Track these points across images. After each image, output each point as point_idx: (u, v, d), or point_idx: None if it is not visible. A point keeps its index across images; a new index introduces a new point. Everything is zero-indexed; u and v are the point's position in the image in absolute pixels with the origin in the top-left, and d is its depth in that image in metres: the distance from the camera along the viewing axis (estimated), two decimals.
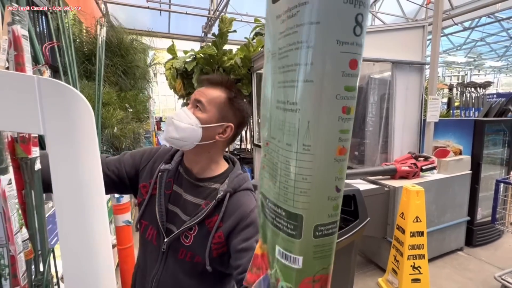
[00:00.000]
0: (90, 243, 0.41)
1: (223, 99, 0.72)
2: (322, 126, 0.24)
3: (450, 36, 8.04)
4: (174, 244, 0.72)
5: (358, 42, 0.23)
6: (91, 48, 3.42)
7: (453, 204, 2.50)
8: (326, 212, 0.26)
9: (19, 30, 0.62)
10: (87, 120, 0.43)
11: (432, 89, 2.66)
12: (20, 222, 0.62)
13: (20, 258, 0.61)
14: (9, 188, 0.59)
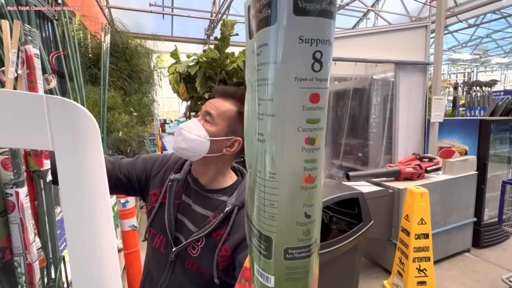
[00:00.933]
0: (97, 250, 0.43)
1: (233, 113, 0.71)
2: (285, 156, 0.26)
3: (455, 33, 7.94)
4: (182, 254, 0.73)
5: (318, 77, 0.24)
6: (97, 53, 3.48)
7: (459, 205, 2.47)
8: (295, 237, 0.27)
9: (32, 50, 0.65)
10: (93, 134, 0.46)
11: (436, 89, 2.64)
12: (34, 232, 0.64)
13: (35, 266, 0.63)
14: (26, 200, 0.61)
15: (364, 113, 2.84)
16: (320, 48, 0.23)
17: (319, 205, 0.28)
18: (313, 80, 0.24)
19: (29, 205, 0.64)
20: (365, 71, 2.78)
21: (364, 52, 2.51)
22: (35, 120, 0.42)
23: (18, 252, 0.58)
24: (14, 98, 0.41)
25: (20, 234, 0.59)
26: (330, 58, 0.24)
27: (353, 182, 2.24)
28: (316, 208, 0.27)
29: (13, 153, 0.59)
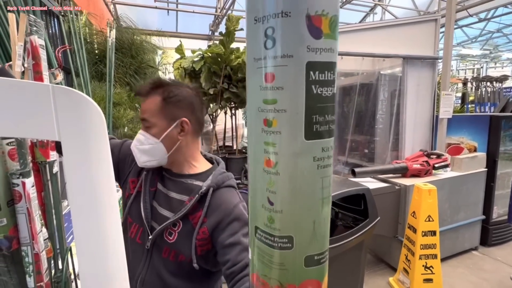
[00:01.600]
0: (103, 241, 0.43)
1: (159, 102, 0.71)
2: (252, 135, 0.27)
3: (465, 28, 7.75)
4: (158, 241, 0.72)
5: (269, 55, 0.23)
6: (103, 49, 3.50)
7: (467, 202, 2.43)
8: (262, 219, 0.28)
9: (37, 40, 0.64)
10: (99, 124, 0.45)
11: (445, 84, 2.58)
12: (41, 222, 0.65)
13: (43, 255, 0.64)
14: (32, 190, 0.62)
15: (370, 108, 2.80)
16: (271, 24, 0.23)
17: (292, 198, 0.25)
18: (265, 59, 0.24)
19: (36, 196, 0.64)
20: (372, 66, 2.73)
21: (371, 46, 2.47)
22: (41, 110, 0.42)
23: (26, 242, 0.59)
24: (20, 87, 0.41)
25: (27, 224, 0.59)
26: (290, 32, 0.22)
27: (359, 179, 2.22)
28: (280, 199, 0.26)
29: (19, 143, 0.59)
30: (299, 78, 0.23)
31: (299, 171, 0.25)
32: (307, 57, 0.23)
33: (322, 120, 0.24)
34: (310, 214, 0.26)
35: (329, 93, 0.25)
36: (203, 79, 2.79)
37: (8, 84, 0.41)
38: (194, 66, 2.78)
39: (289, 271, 0.27)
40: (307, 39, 0.22)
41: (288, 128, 0.24)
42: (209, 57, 2.77)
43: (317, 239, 0.27)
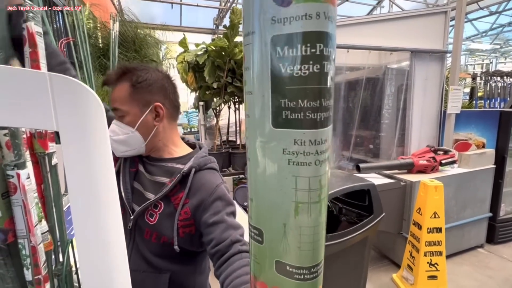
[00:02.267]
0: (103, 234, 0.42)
1: (128, 88, 0.68)
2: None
3: (475, 22, 7.54)
4: (140, 222, 0.71)
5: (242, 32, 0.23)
6: (106, 43, 3.49)
7: (474, 199, 2.39)
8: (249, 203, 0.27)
9: (33, 27, 0.63)
10: (98, 114, 0.44)
11: (453, 79, 2.52)
12: (40, 215, 0.64)
13: (40, 248, 0.63)
14: (28, 182, 0.61)
15: (376, 103, 2.75)
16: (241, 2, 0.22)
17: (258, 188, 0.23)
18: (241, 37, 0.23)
19: (33, 188, 0.63)
20: (378, 60, 2.67)
21: (378, 39, 2.41)
22: (38, 99, 0.40)
23: (22, 235, 0.58)
24: (15, 75, 0.39)
25: (23, 216, 0.59)
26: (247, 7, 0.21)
27: (364, 174, 2.19)
28: (250, 186, 0.24)
29: (12, 133, 0.58)
30: (263, 56, 0.20)
31: (266, 161, 0.22)
32: (271, 30, 0.20)
33: (295, 106, 0.20)
34: (280, 215, 0.23)
35: (306, 73, 0.20)
36: (206, 73, 2.77)
37: (2, 71, 0.40)
38: (198, 60, 2.75)
39: (262, 267, 0.26)
40: (270, 9, 0.19)
41: (255, 112, 0.22)
42: (213, 51, 2.74)
43: (290, 247, 0.24)
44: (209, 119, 4.00)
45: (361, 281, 1.67)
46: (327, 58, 0.21)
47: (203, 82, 2.87)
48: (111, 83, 0.71)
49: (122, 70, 0.71)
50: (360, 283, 1.67)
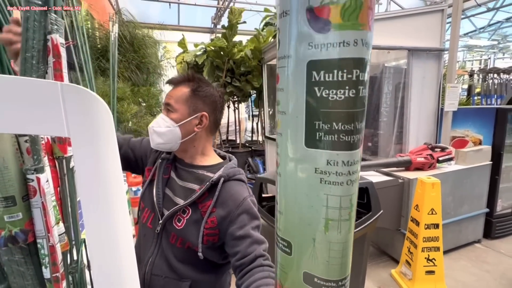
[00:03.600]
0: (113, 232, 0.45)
1: (187, 93, 0.75)
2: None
3: (472, 18, 7.56)
4: (167, 226, 0.74)
5: (277, 56, 0.24)
6: (104, 44, 3.49)
7: (471, 195, 2.43)
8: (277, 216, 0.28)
9: (58, 39, 0.65)
10: (107, 121, 0.46)
11: (450, 76, 2.54)
12: (57, 218, 0.67)
13: (58, 248, 0.66)
14: (47, 185, 0.64)
15: (374, 101, 2.78)
16: (278, 25, 0.23)
17: (289, 203, 0.24)
18: (277, 60, 0.23)
19: (51, 191, 0.66)
20: (376, 58, 2.70)
21: (376, 38, 2.43)
22: (50, 107, 0.43)
23: (41, 235, 0.61)
24: (29, 85, 0.42)
25: (42, 218, 0.62)
26: (284, 31, 0.21)
27: (362, 172, 2.22)
28: (280, 200, 0.25)
29: (32, 139, 0.61)
30: (298, 79, 0.21)
31: (298, 179, 0.23)
32: (308, 55, 0.20)
33: (329, 128, 0.21)
34: (310, 230, 0.24)
35: (342, 97, 0.20)
36: (205, 73, 2.79)
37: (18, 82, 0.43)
38: (197, 60, 2.78)
39: (288, 276, 0.27)
40: (307, 35, 0.20)
41: (288, 131, 0.23)
42: (211, 51, 2.76)
43: (319, 261, 0.25)
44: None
45: (360, 277, 1.71)
46: (362, 83, 0.21)
47: None
48: (174, 83, 0.79)
49: (188, 76, 0.79)
50: (359, 279, 1.71)
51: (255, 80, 3.03)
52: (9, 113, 0.43)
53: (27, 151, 0.59)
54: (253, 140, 4.50)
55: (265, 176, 1.93)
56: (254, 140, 4.45)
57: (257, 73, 3.08)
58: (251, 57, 2.88)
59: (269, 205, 1.80)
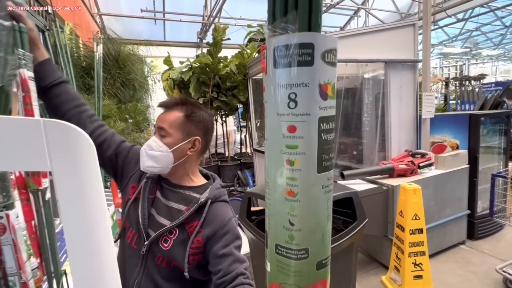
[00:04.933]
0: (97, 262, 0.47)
1: (181, 118, 0.78)
2: (272, 173, 0.33)
3: (445, 28, 8.03)
4: (153, 248, 0.74)
5: (293, 112, 0.31)
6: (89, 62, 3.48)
7: (452, 198, 2.53)
8: (283, 238, 0.34)
9: (26, 73, 0.67)
10: (90, 154, 0.49)
11: (426, 85, 2.69)
12: (29, 253, 0.66)
13: (31, 284, 0.65)
14: (17, 221, 0.64)
15: (356, 111, 2.88)
16: (294, 90, 0.30)
17: (309, 218, 0.33)
18: (290, 115, 0.31)
19: (22, 226, 0.66)
20: (356, 70, 2.82)
21: (354, 52, 2.55)
22: (33, 143, 0.45)
23: (13, 272, 0.61)
24: (12, 123, 0.44)
25: (13, 255, 0.61)
26: (308, 97, 0.30)
27: (347, 181, 2.28)
28: (303, 220, 0.33)
29: (1, 177, 0.61)
30: (313, 129, 0.31)
31: (312, 197, 0.33)
32: (318, 113, 0.31)
33: (328, 157, 0.33)
34: (320, 228, 0.34)
35: (331, 137, 0.33)
36: (192, 89, 2.83)
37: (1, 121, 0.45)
38: (183, 77, 2.82)
39: (305, 276, 0.34)
40: (318, 101, 0.30)
41: (306, 166, 0.32)
42: (197, 67, 2.81)
43: (325, 246, 0.35)
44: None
45: (350, 285, 1.73)
46: (334, 128, 0.34)
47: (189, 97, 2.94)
48: (167, 107, 0.81)
49: (182, 100, 0.81)
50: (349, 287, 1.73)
51: (241, 94, 3.09)
52: None
53: None
54: (242, 152, 4.53)
55: (253, 190, 1.95)
56: (243, 152, 4.48)
57: (243, 87, 3.15)
58: (236, 72, 2.95)
59: (258, 219, 1.82)
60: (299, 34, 0.28)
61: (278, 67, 0.30)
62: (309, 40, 0.28)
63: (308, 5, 0.28)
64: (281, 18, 0.29)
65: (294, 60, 0.29)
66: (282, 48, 0.29)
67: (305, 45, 0.28)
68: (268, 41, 0.30)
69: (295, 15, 0.28)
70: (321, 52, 0.29)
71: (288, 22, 0.29)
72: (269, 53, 0.31)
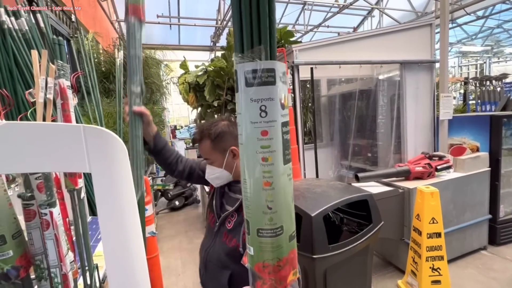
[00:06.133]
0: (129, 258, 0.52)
1: (209, 144, 0.96)
2: (250, 169, 0.41)
3: (464, 26, 7.76)
4: (221, 226, 0.97)
5: (265, 120, 0.39)
6: (108, 67, 3.64)
7: (472, 202, 2.45)
8: (263, 221, 0.42)
9: (64, 82, 0.74)
10: (123, 157, 0.54)
11: (443, 86, 2.63)
12: (67, 246, 0.73)
13: (70, 276, 0.71)
14: (59, 218, 0.70)
15: (371, 113, 2.86)
16: (264, 103, 0.39)
17: (282, 201, 0.42)
18: (262, 123, 0.39)
19: (62, 222, 0.72)
20: (370, 71, 2.80)
21: (369, 53, 2.54)
22: (74, 147, 0.50)
23: (54, 264, 0.67)
24: (56, 129, 0.50)
25: (55, 248, 0.67)
26: (274, 108, 0.39)
27: (362, 183, 2.27)
28: (277, 203, 0.41)
29: (46, 177, 0.67)
30: (279, 132, 0.40)
31: (282, 184, 0.41)
32: (281, 119, 0.40)
33: (288, 152, 0.42)
34: (289, 208, 0.43)
35: (289, 137, 0.42)
36: (207, 92, 2.90)
37: (47, 127, 0.51)
38: (198, 80, 2.89)
39: (283, 248, 0.43)
40: (280, 110, 0.40)
41: (276, 160, 0.40)
42: (212, 71, 2.88)
43: (292, 222, 0.44)
44: None
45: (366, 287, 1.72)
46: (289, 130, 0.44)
47: (204, 101, 3.00)
48: (198, 142, 1.01)
49: (200, 130, 1.00)
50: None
51: None
52: (39, 155, 0.51)
53: (38, 188, 0.65)
54: None
55: None
56: None
57: None
58: None
59: None
60: (265, 61, 0.37)
61: (250, 86, 0.38)
62: (272, 66, 0.38)
63: (269, 41, 0.38)
64: (249, 50, 0.38)
65: (262, 80, 0.37)
66: (252, 72, 0.38)
67: (270, 70, 0.37)
68: (239, 66, 0.39)
69: (262, 48, 0.38)
70: (279, 75, 0.39)
71: (255, 53, 0.38)
72: (240, 75, 0.39)
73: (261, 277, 0.43)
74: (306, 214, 1.46)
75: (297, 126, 2.35)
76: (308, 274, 1.47)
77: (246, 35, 0.38)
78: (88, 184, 1.64)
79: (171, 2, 5.63)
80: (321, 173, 2.57)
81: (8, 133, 0.47)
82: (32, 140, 0.48)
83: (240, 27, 0.39)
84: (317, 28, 6.74)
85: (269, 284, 0.43)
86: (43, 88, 0.82)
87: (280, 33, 3.70)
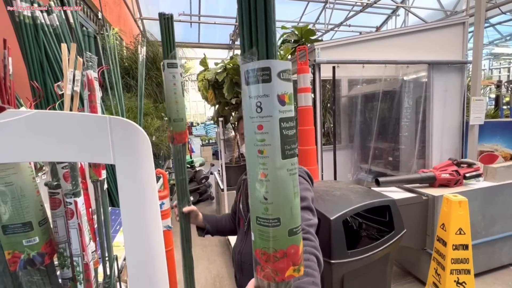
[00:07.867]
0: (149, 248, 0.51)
1: None
2: (250, 159, 0.43)
3: (498, 26, 7.29)
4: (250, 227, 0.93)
5: (260, 115, 0.41)
6: (130, 63, 3.74)
7: (504, 214, 2.28)
8: (260, 210, 0.44)
9: (92, 74, 0.74)
10: (146, 149, 0.53)
11: (475, 89, 2.46)
12: (90, 236, 0.73)
13: (91, 265, 0.72)
14: (83, 208, 0.70)
15: (394, 116, 2.74)
16: (259, 100, 0.40)
17: (279, 194, 0.43)
18: (258, 118, 0.41)
19: (85, 212, 0.73)
20: (395, 71, 2.68)
21: (394, 53, 2.43)
22: (100, 138, 0.50)
23: (77, 253, 0.67)
24: (83, 120, 0.49)
25: (78, 238, 0.68)
26: (269, 104, 0.40)
27: (383, 188, 2.18)
28: (273, 195, 0.43)
29: (72, 167, 0.68)
30: (276, 127, 0.41)
31: (280, 177, 0.42)
32: (279, 115, 0.41)
33: (289, 148, 0.43)
34: (288, 202, 0.43)
35: (292, 133, 0.43)
36: (225, 90, 2.90)
37: (72, 117, 0.50)
38: (217, 78, 2.90)
39: (280, 240, 0.44)
40: (278, 107, 0.41)
41: (272, 154, 0.42)
42: (231, 68, 2.87)
43: (294, 218, 0.44)
44: (226, 132, 4.13)
45: None
46: (294, 125, 0.44)
47: (222, 98, 3.00)
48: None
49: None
50: None
51: None
52: (67, 144, 0.50)
53: (64, 177, 0.65)
54: None
55: None
56: None
57: None
58: None
59: None
60: (259, 61, 0.40)
61: (249, 84, 0.41)
62: (267, 65, 0.40)
63: (265, 43, 0.40)
64: (247, 51, 0.41)
65: (258, 79, 0.40)
66: (250, 71, 0.40)
67: (264, 69, 0.40)
68: (242, 66, 0.41)
69: (256, 49, 0.40)
70: (277, 72, 0.40)
71: (252, 54, 0.41)
72: (241, 75, 0.42)
73: (259, 263, 0.46)
74: (324, 217, 1.41)
75: (316, 127, 2.29)
76: (324, 279, 1.42)
77: (246, 37, 0.41)
78: (108, 175, 1.68)
79: (193, 1, 5.70)
80: (339, 176, 2.50)
81: (38, 122, 0.47)
82: (60, 130, 0.48)
83: (242, 29, 0.42)
84: (338, 27, 6.58)
85: (266, 272, 0.45)
86: (71, 81, 0.83)
87: (301, 31, 3.63)
